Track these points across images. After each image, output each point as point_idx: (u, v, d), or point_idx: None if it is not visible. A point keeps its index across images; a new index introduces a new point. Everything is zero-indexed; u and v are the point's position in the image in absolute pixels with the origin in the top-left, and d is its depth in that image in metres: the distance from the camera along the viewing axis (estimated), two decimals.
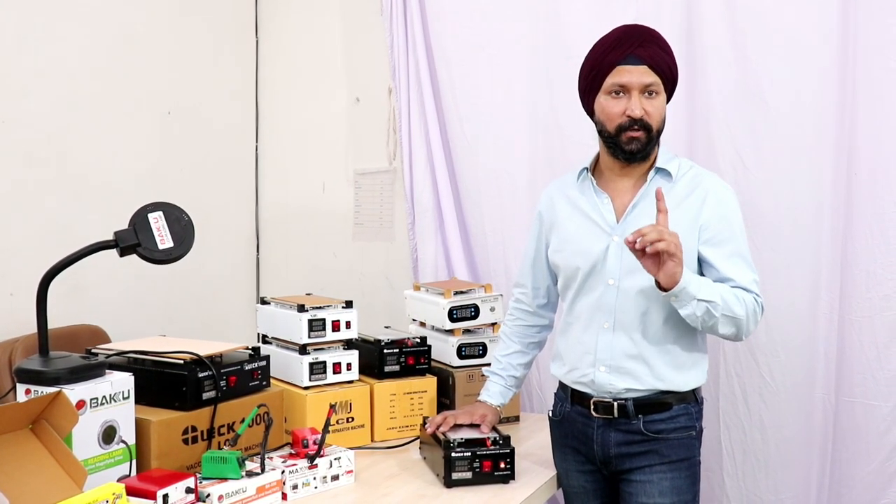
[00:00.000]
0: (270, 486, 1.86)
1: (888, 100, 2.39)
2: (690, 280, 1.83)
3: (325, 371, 2.31)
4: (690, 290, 1.82)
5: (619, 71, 1.92)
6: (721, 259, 1.93)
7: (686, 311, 1.85)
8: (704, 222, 1.93)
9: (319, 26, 3.54)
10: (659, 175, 1.98)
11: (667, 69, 1.94)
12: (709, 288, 1.86)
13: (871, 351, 2.44)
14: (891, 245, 2.40)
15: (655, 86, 1.93)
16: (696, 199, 1.94)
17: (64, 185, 2.89)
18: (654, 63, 1.92)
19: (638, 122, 1.92)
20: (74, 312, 2.78)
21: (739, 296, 1.89)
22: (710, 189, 1.96)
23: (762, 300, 1.93)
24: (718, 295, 1.86)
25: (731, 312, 1.87)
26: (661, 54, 1.94)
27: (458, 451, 1.99)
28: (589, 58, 1.99)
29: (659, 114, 1.94)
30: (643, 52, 1.92)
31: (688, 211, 1.94)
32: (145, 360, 2.03)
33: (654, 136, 1.94)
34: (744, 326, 1.90)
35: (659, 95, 1.94)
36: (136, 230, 1.83)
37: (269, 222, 3.72)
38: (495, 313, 2.57)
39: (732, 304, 1.87)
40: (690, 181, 1.97)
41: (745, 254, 1.96)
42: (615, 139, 1.95)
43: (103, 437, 1.75)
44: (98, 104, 2.99)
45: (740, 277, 1.92)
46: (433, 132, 3.11)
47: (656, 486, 1.94)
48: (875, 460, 2.44)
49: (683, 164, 2.01)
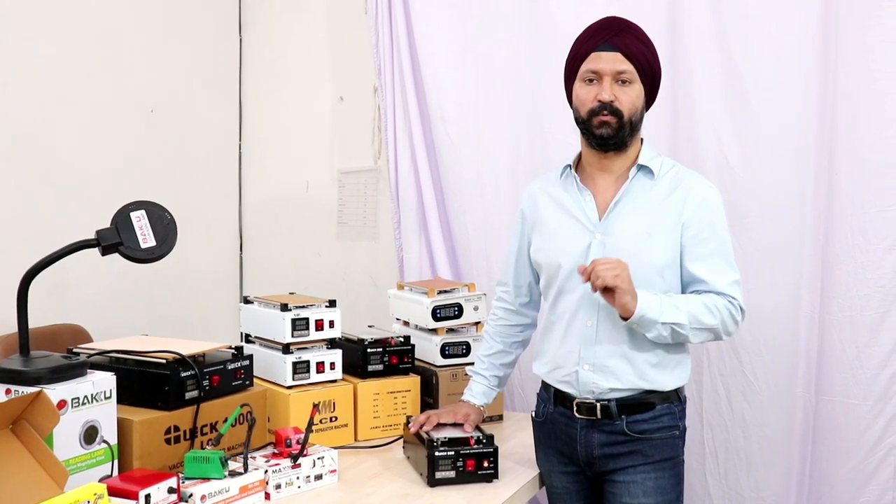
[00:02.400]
0: (253, 486, 1.86)
1: (867, 100, 2.41)
2: (649, 306, 1.85)
3: (308, 370, 2.31)
4: (650, 315, 1.85)
5: (593, 57, 1.95)
6: (701, 259, 1.94)
7: (652, 335, 1.89)
8: (686, 221, 1.94)
9: (304, 25, 3.54)
10: (641, 172, 1.99)
11: (642, 59, 1.95)
12: (673, 308, 1.87)
13: (851, 350, 2.46)
14: (870, 244, 2.42)
15: (628, 74, 1.94)
16: (677, 197, 1.95)
17: (46, 183, 2.88)
18: (628, 51, 1.93)
19: (608, 108, 1.93)
20: (56, 312, 2.78)
21: (711, 305, 1.90)
22: (692, 188, 1.96)
23: (740, 301, 1.94)
24: (685, 312, 1.87)
25: (702, 325, 1.89)
26: (638, 44, 1.95)
27: (442, 450, 2.00)
28: (571, 48, 2.02)
29: (631, 101, 1.95)
30: (618, 40, 1.94)
31: (669, 210, 1.94)
32: (127, 360, 2.03)
33: (626, 124, 1.95)
34: (720, 332, 1.93)
35: (632, 84, 1.95)
36: (118, 229, 1.83)
37: (253, 221, 3.72)
38: (479, 312, 2.58)
39: (702, 315, 1.89)
40: (672, 179, 1.98)
41: (726, 254, 1.96)
42: (587, 124, 1.97)
43: (85, 437, 1.74)
44: (81, 102, 2.98)
45: (718, 279, 1.93)
46: (417, 132, 3.12)
47: (640, 486, 1.95)
48: (855, 458, 2.47)
49: (666, 163, 2.02)
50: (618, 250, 1.92)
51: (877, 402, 2.43)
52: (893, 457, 2.43)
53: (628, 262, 1.87)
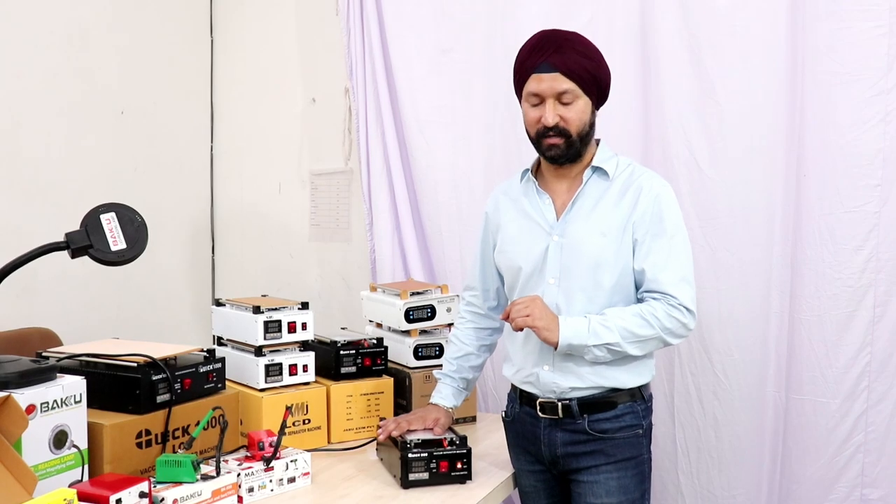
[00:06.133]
0: (226, 489, 1.86)
1: (834, 103, 2.45)
2: (575, 334, 1.88)
3: (281, 373, 2.31)
4: (577, 342, 1.88)
5: (533, 79, 1.96)
6: (647, 256, 1.94)
7: (588, 358, 1.91)
8: (637, 219, 1.95)
9: (275, 25, 3.54)
10: (596, 174, 2.00)
11: (584, 74, 1.94)
12: (603, 329, 1.88)
13: (819, 349, 2.50)
14: (838, 246, 2.46)
15: (571, 92, 1.94)
16: (630, 197, 1.97)
17: (14, 185, 2.85)
18: (567, 69, 1.93)
19: (553, 129, 1.95)
20: (24, 315, 2.76)
21: (648, 314, 1.90)
22: (643, 186, 1.97)
23: (683, 301, 1.91)
24: (618, 330, 1.88)
25: (638, 338, 1.90)
26: (578, 59, 1.94)
27: (415, 451, 2.00)
28: (515, 61, 2.02)
29: (578, 118, 1.95)
30: (557, 58, 1.93)
31: (622, 210, 1.96)
32: (98, 363, 2.02)
33: (576, 141, 1.96)
34: (663, 340, 1.93)
35: (577, 100, 1.95)
36: (87, 231, 1.82)
37: (225, 223, 3.71)
38: (451, 314, 2.59)
39: (638, 328, 1.89)
40: (626, 179, 1.99)
41: (676, 251, 1.95)
42: (537, 144, 2.00)
43: (54, 442, 1.73)
44: (49, 103, 2.96)
45: (663, 276, 1.92)
46: (390, 133, 3.12)
47: (603, 486, 1.97)
48: (824, 456, 2.50)
49: (622, 163, 2.03)
50: (574, 252, 1.95)
51: (845, 400, 2.47)
52: (861, 454, 2.47)
53: (584, 263, 1.92)
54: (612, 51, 2.69)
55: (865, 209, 2.43)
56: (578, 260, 1.95)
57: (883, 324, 2.44)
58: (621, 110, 2.69)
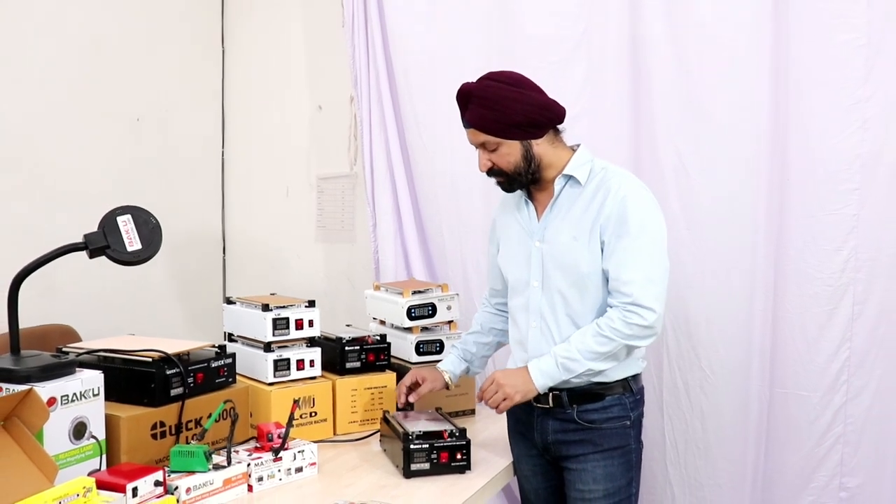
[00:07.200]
0: (236, 479, 1.90)
1: (815, 112, 2.48)
2: (548, 377, 1.99)
3: (288, 368, 2.35)
4: (552, 382, 1.99)
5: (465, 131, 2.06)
6: (612, 256, 1.97)
7: (571, 386, 2.01)
8: (603, 222, 1.98)
9: (284, 37, 3.57)
10: (569, 182, 2.05)
11: (491, 124, 1.98)
12: (568, 361, 1.96)
13: (801, 345, 2.53)
14: (819, 247, 2.49)
15: (489, 143, 2.02)
16: (598, 200, 2.01)
17: (36, 189, 2.90)
18: (475, 124, 2.00)
19: (490, 172, 2.05)
20: (45, 312, 2.79)
21: (606, 329, 1.94)
22: (611, 188, 1.99)
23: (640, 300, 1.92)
24: (580, 356, 1.95)
25: (604, 354, 1.96)
26: (480, 112, 1.98)
27: (417, 443, 2.05)
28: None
29: (506, 160, 2.02)
30: (467, 115, 2.02)
31: (590, 213, 2.01)
32: (115, 359, 2.05)
33: (515, 177, 2.03)
34: (628, 347, 1.99)
35: (499, 147, 2.01)
36: (105, 233, 1.86)
37: (235, 225, 3.73)
38: (452, 312, 2.63)
39: (598, 347, 1.95)
40: (598, 183, 2.03)
41: (640, 251, 1.96)
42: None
43: (74, 433, 1.77)
44: (69, 111, 3.00)
45: (625, 276, 1.94)
46: (392, 138, 3.14)
47: (590, 473, 2.05)
48: (805, 447, 2.54)
49: (596, 167, 2.06)
50: (551, 256, 2.04)
51: (825, 393, 2.50)
52: (841, 445, 2.50)
53: (560, 267, 2.00)
54: (606, 61, 2.75)
55: (845, 212, 2.45)
56: (555, 264, 2.03)
57: (861, 321, 2.46)
58: (613, 117, 2.74)
